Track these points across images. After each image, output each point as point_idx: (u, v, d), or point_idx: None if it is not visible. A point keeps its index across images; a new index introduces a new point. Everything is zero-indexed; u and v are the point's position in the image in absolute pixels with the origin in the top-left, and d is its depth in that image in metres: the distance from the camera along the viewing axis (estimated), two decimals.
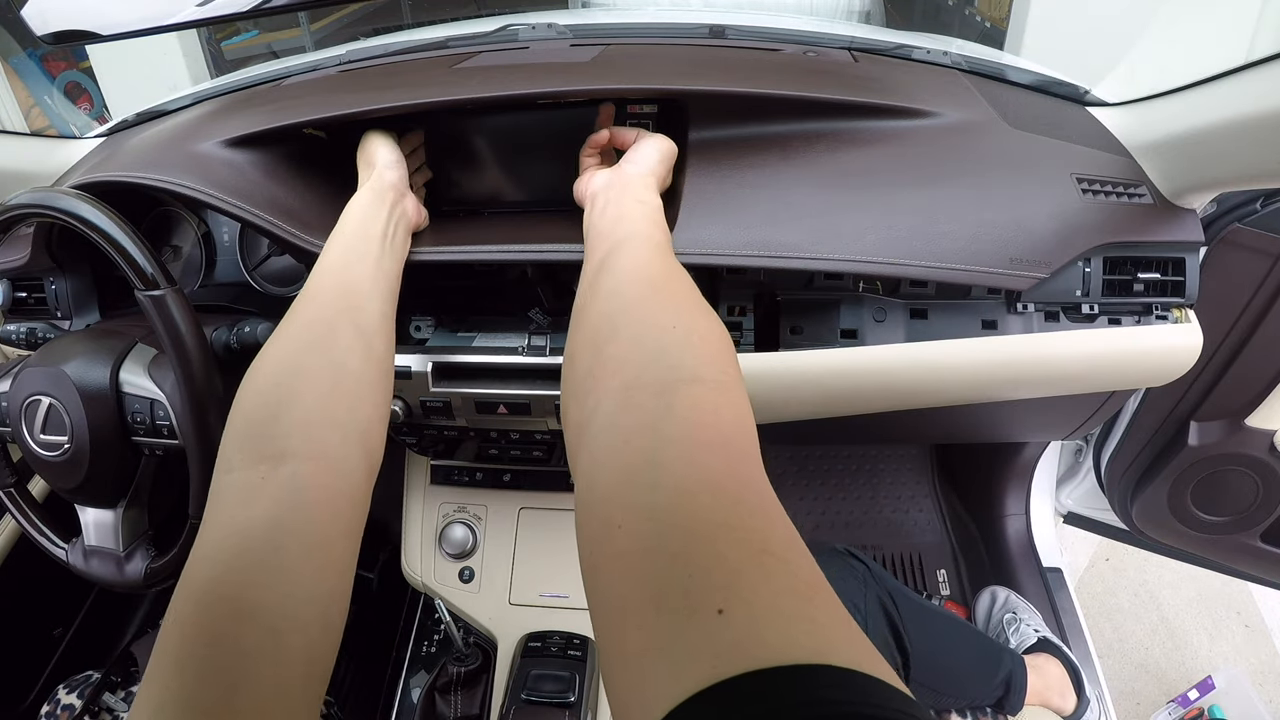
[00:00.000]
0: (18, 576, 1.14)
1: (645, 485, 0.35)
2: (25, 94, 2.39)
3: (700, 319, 0.46)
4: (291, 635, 0.39)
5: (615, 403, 0.41)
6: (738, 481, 0.36)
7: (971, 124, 0.75)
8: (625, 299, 0.48)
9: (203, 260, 0.93)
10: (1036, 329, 0.74)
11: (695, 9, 1.37)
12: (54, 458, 0.71)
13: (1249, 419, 0.93)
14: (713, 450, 0.37)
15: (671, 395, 0.39)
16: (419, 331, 0.81)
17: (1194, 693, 1.40)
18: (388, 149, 0.70)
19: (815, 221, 0.68)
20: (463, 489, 0.98)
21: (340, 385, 0.50)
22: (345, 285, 0.56)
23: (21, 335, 0.83)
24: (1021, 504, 1.42)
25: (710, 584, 0.30)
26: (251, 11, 0.75)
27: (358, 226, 0.62)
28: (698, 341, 0.43)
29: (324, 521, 0.44)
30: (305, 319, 0.53)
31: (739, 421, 0.40)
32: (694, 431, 0.38)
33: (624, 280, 0.50)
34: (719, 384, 0.41)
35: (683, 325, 0.44)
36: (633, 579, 0.33)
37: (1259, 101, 0.54)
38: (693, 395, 0.40)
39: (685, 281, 0.51)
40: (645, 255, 0.53)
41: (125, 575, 0.76)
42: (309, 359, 0.50)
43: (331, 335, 0.52)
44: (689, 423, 0.38)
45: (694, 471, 0.35)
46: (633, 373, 0.42)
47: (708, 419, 0.38)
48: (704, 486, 0.35)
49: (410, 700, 1.14)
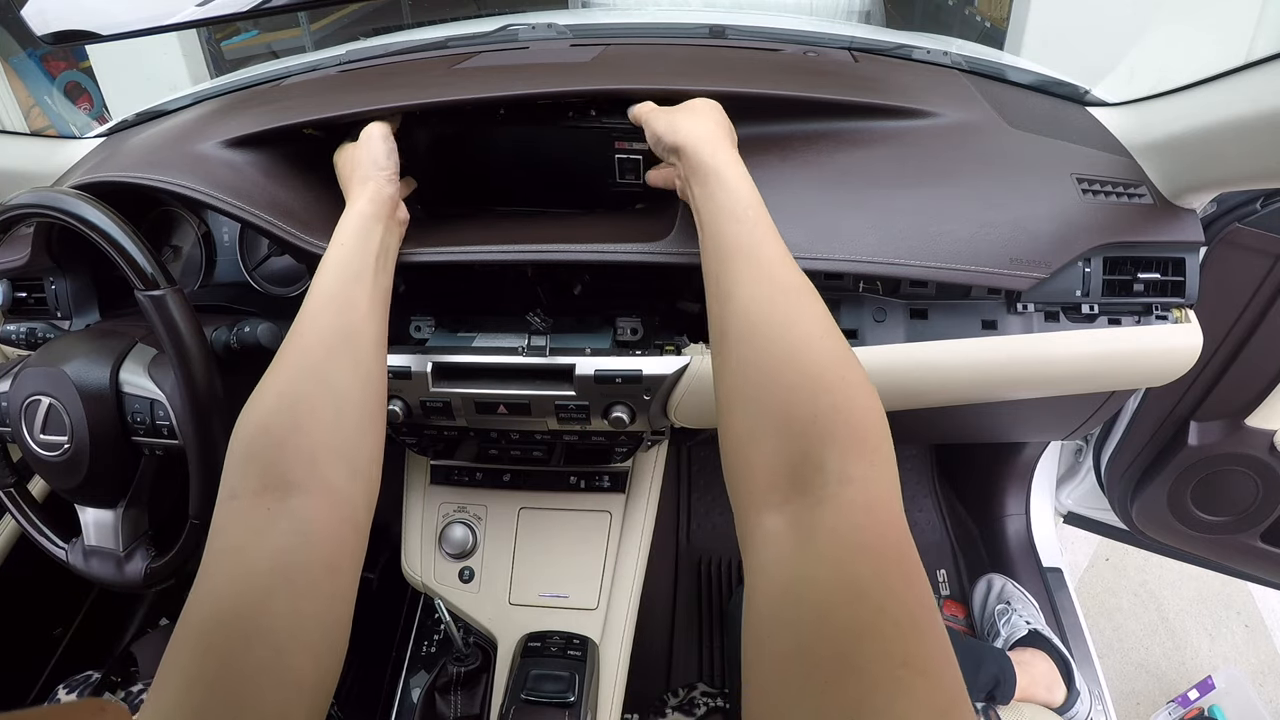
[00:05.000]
0: (18, 576, 1.14)
1: (792, 601, 0.37)
2: (25, 94, 2.39)
3: (847, 385, 0.45)
4: (299, 657, 0.40)
5: (770, 517, 0.41)
6: (884, 589, 0.35)
7: (971, 124, 0.75)
8: (765, 360, 0.47)
9: (203, 260, 0.93)
10: (1036, 329, 0.73)
11: (695, 9, 1.37)
12: (54, 458, 0.71)
13: (1249, 419, 0.93)
14: (862, 557, 0.37)
15: (819, 507, 0.39)
16: (419, 331, 0.81)
17: (1194, 693, 1.40)
18: (390, 156, 0.68)
19: (815, 221, 0.68)
20: (463, 489, 0.98)
21: (343, 417, 0.51)
22: (343, 309, 0.56)
23: (21, 335, 0.83)
24: (1021, 504, 1.42)
25: (845, 699, 0.31)
26: (251, 11, 0.75)
27: (357, 243, 0.61)
28: (844, 425, 0.42)
29: (330, 553, 0.45)
30: (305, 345, 0.54)
31: (890, 521, 0.39)
32: (842, 539, 0.38)
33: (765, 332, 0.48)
34: (867, 480, 0.40)
35: (825, 401, 0.43)
36: (780, 683, 0.35)
37: (1259, 101, 0.54)
38: (841, 500, 0.39)
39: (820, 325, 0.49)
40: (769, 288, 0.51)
41: (125, 575, 0.76)
42: (311, 388, 0.51)
43: (332, 363, 0.53)
44: (836, 534, 0.38)
45: (841, 579, 0.36)
46: (783, 475, 0.42)
47: (860, 520, 0.39)
48: (849, 597, 0.35)
49: (410, 700, 1.15)
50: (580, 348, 0.75)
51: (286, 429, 0.48)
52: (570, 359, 0.74)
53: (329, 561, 0.45)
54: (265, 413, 0.50)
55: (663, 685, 1.32)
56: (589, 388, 0.74)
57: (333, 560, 0.45)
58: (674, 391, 0.74)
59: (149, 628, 1.33)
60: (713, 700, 1.00)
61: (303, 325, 0.55)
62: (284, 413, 0.49)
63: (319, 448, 0.48)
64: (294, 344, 0.54)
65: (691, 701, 1.00)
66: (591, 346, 0.75)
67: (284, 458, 0.47)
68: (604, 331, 0.78)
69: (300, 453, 0.47)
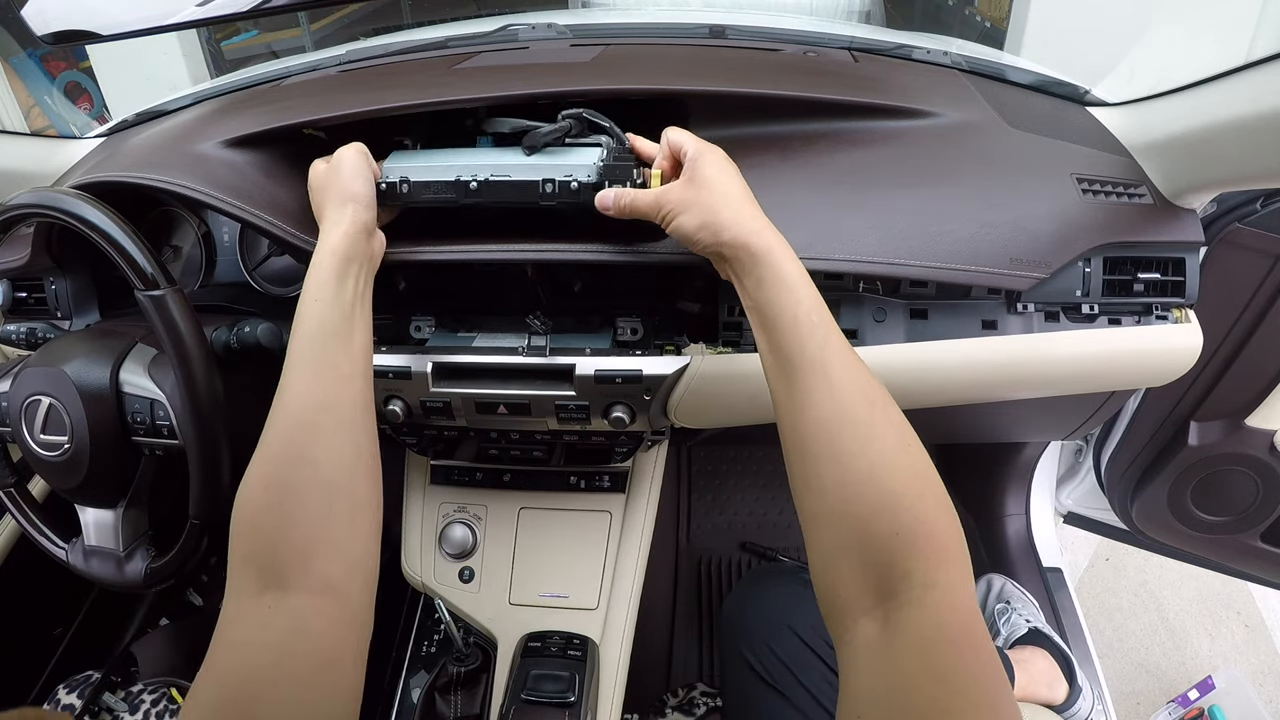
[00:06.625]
0: (18, 576, 1.14)
1: (882, 685, 0.42)
2: (25, 94, 2.39)
3: (925, 502, 0.47)
4: None
5: (863, 622, 0.45)
6: (965, 674, 0.40)
7: (971, 124, 0.75)
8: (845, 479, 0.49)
9: (203, 260, 0.93)
10: (1036, 329, 0.73)
11: (695, 9, 1.37)
12: (54, 458, 0.71)
13: (1249, 419, 0.93)
14: (945, 649, 0.41)
15: (907, 608, 0.43)
16: (419, 331, 0.81)
17: (1194, 693, 1.40)
18: (365, 180, 0.64)
19: (815, 221, 0.68)
20: (463, 489, 0.98)
21: (334, 507, 0.50)
22: (321, 373, 0.54)
23: (21, 335, 0.82)
24: (1021, 504, 1.42)
25: None
26: (251, 11, 0.75)
27: (332, 294, 0.57)
28: (925, 539, 0.45)
29: (330, 648, 0.46)
30: (289, 423, 0.52)
31: (970, 621, 0.43)
32: (927, 634, 0.42)
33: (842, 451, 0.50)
34: (950, 586, 0.44)
35: (907, 518, 0.46)
36: None
37: (1259, 101, 0.54)
38: (926, 602, 0.43)
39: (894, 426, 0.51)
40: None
41: (125, 575, 0.76)
42: (298, 473, 0.50)
43: (317, 443, 0.51)
44: (922, 629, 0.42)
45: (925, 666, 0.40)
46: (872, 584, 0.45)
47: (944, 618, 0.42)
48: (932, 680, 0.40)
49: (410, 700, 1.15)
50: (580, 348, 0.75)
51: (278, 527, 0.48)
52: (570, 359, 0.74)
53: (328, 656, 0.46)
54: (255, 508, 0.49)
55: (663, 685, 1.32)
56: (589, 388, 0.74)
57: (332, 655, 0.46)
58: (674, 391, 0.74)
59: (149, 628, 1.33)
60: (712, 700, 1.00)
61: (284, 396, 0.53)
62: (273, 509, 0.49)
63: (311, 545, 0.48)
64: (277, 417, 0.53)
65: (691, 701, 1.01)
66: (591, 346, 0.75)
67: (278, 560, 0.47)
68: (604, 331, 0.78)
69: (293, 553, 0.47)
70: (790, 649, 0.82)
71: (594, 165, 0.64)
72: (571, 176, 0.64)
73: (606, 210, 0.63)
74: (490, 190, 0.66)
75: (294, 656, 0.44)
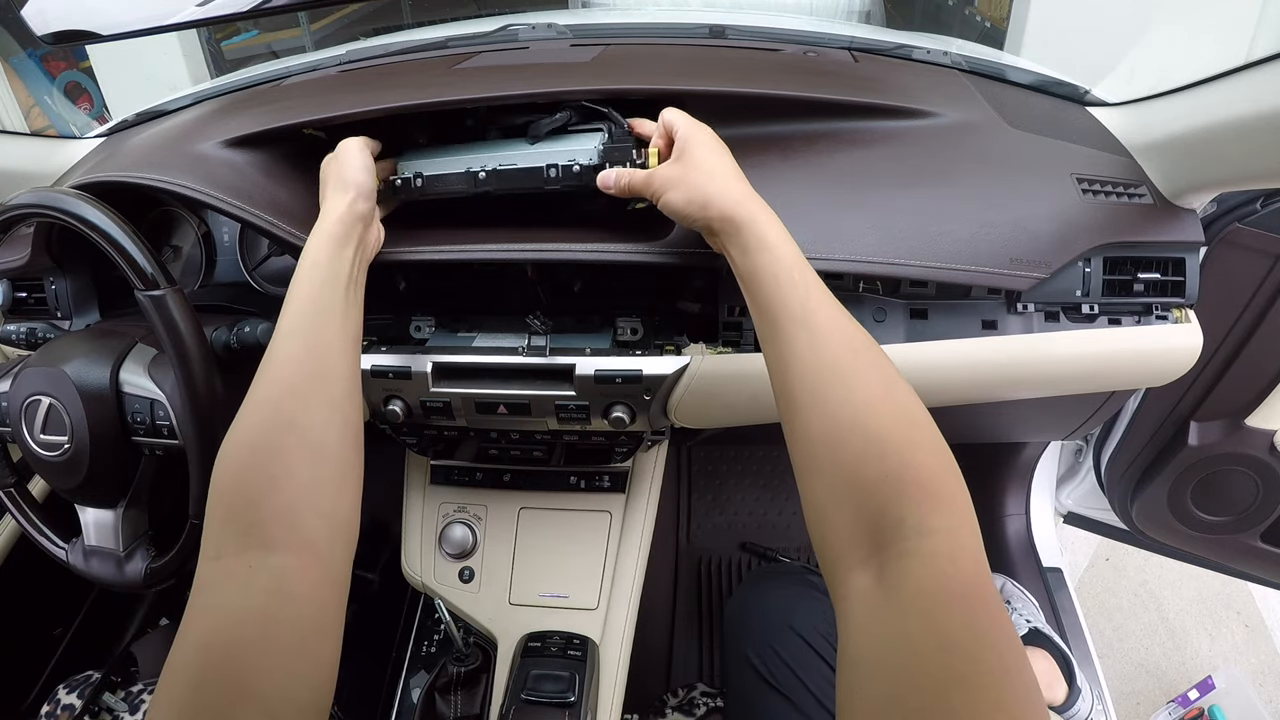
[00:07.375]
0: (18, 576, 1.14)
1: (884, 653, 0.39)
2: (25, 94, 2.39)
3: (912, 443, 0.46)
4: (287, 715, 0.41)
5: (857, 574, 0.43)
6: (975, 638, 0.37)
7: (971, 124, 0.75)
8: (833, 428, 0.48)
9: (203, 260, 0.93)
10: (1036, 329, 0.73)
11: (695, 9, 1.37)
12: (54, 458, 0.71)
13: (1249, 419, 0.93)
14: (951, 608, 0.38)
15: (903, 559, 0.41)
16: (419, 331, 0.81)
17: (1194, 693, 1.40)
18: (366, 172, 0.64)
19: (815, 221, 0.68)
20: (463, 489, 0.98)
21: (320, 470, 0.50)
22: (313, 347, 0.55)
23: (21, 335, 0.82)
24: (1021, 504, 1.42)
25: None
26: (251, 11, 0.75)
27: (326, 273, 0.58)
28: (914, 481, 0.44)
29: (313, 612, 0.45)
30: (277, 387, 0.52)
31: (975, 571, 0.41)
32: (930, 591, 0.39)
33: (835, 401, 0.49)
34: (949, 531, 0.42)
35: (894, 461, 0.44)
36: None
37: (1259, 101, 0.54)
38: (924, 552, 0.41)
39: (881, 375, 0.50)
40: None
41: (125, 575, 0.76)
42: (286, 438, 0.50)
43: (306, 410, 0.51)
44: (923, 586, 0.39)
45: (932, 631, 0.37)
46: (864, 533, 0.43)
47: (945, 570, 0.40)
48: (940, 648, 0.37)
49: (410, 700, 1.14)
50: (580, 348, 0.75)
51: (263, 486, 0.48)
52: (570, 359, 0.74)
53: (313, 619, 0.45)
54: (240, 466, 0.49)
55: (663, 685, 1.33)
56: (589, 388, 0.74)
57: (317, 617, 0.45)
58: (674, 391, 0.74)
59: (149, 628, 1.33)
60: (712, 700, 1.00)
61: (272, 364, 0.53)
62: (261, 468, 0.48)
63: (298, 506, 0.48)
64: (264, 384, 0.52)
65: (691, 701, 1.01)
66: (591, 346, 0.75)
67: (263, 519, 0.47)
68: (604, 331, 0.78)
69: (280, 510, 0.47)
70: (793, 650, 0.82)
71: (595, 149, 0.68)
72: (574, 160, 0.67)
73: (608, 189, 0.65)
74: (498, 179, 0.69)
75: (279, 622, 0.43)
